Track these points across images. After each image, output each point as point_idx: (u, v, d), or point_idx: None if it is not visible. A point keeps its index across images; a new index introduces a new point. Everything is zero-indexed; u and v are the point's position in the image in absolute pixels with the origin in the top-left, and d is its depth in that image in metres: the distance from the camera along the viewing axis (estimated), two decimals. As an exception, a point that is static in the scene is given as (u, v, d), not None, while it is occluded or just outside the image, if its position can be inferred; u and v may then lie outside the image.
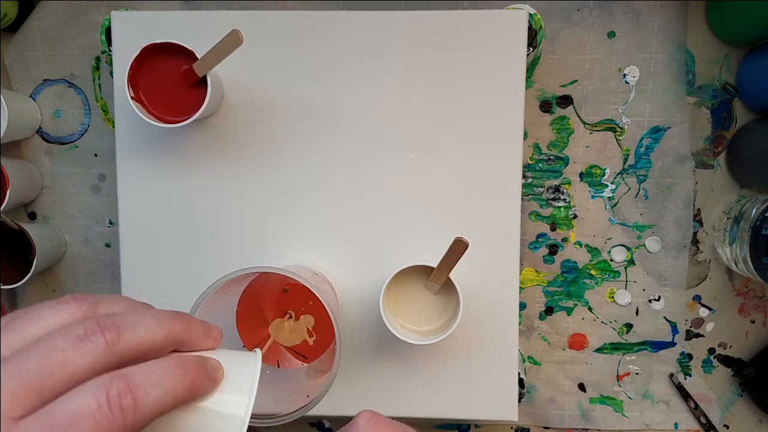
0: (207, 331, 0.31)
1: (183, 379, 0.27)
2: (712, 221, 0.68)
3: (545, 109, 0.67)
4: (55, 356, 0.24)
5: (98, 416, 0.24)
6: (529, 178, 0.68)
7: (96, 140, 0.70)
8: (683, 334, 0.69)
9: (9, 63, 0.70)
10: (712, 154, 0.68)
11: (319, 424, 0.73)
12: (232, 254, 0.61)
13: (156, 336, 0.27)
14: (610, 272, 0.69)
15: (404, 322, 0.57)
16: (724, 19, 0.64)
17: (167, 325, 0.28)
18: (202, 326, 0.30)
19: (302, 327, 0.55)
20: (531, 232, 0.69)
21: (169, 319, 0.28)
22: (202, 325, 0.30)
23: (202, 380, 0.28)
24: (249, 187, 0.61)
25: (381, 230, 0.60)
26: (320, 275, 0.57)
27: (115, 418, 0.24)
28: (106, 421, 0.24)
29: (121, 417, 0.24)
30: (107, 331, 0.26)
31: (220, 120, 0.60)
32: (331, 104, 0.59)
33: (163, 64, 0.55)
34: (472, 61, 0.58)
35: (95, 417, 0.24)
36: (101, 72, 0.69)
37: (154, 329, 0.27)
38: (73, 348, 0.25)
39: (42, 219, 0.72)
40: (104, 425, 0.24)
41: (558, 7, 0.65)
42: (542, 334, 0.70)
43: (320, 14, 0.59)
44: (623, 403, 0.70)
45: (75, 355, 0.25)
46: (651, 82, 0.66)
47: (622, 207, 0.68)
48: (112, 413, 0.24)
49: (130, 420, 0.24)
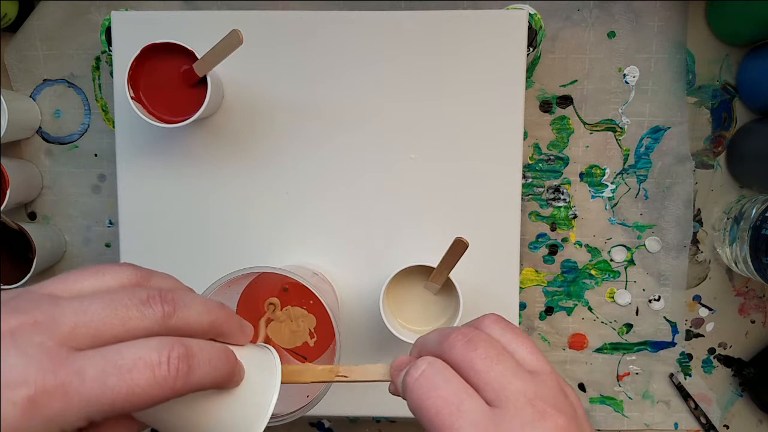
0: (243, 327, 0.32)
1: (226, 366, 0.29)
2: (712, 221, 0.68)
3: (545, 109, 0.67)
4: (120, 310, 0.26)
5: (156, 370, 0.25)
6: (529, 178, 0.68)
7: (96, 140, 0.70)
8: (683, 334, 0.69)
9: (9, 63, 0.70)
10: (712, 154, 0.68)
11: (319, 424, 0.73)
12: (232, 254, 0.61)
13: (203, 320, 0.29)
14: (610, 272, 0.69)
15: (404, 322, 0.57)
16: (724, 19, 0.64)
17: (214, 312, 0.29)
18: (239, 322, 0.32)
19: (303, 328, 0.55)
20: (531, 232, 0.69)
21: (216, 307, 0.30)
22: (239, 321, 0.32)
23: (238, 373, 0.30)
24: (249, 187, 0.61)
25: (381, 230, 0.60)
26: (320, 275, 0.57)
27: (169, 376, 0.25)
28: (162, 377, 0.25)
29: (173, 378, 0.26)
30: (166, 303, 0.27)
31: (220, 120, 0.60)
32: (330, 104, 0.59)
33: (163, 64, 0.55)
34: (472, 61, 0.58)
35: (154, 370, 0.25)
36: (101, 72, 0.69)
37: (204, 314, 0.29)
38: (135, 308, 0.26)
39: (42, 219, 0.72)
40: (159, 380, 0.25)
41: (558, 7, 0.65)
42: (542, 334, 0.70)
43: (320, 14, 0.59)
44: (623, 403, 0.70)
45: (136, 314, 0.26)
46: (651, 82, 0.66)
47: (622, 207, 0.68)
48: (169, 371, 0.25)
49: (180, 384, 0.26)
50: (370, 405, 0.62)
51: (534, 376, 0.29)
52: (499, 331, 0.31)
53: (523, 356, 0.30)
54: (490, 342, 0.30)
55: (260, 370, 0.33)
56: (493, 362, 0.29)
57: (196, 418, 0.30)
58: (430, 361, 0.30)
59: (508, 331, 0.31)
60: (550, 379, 0.29)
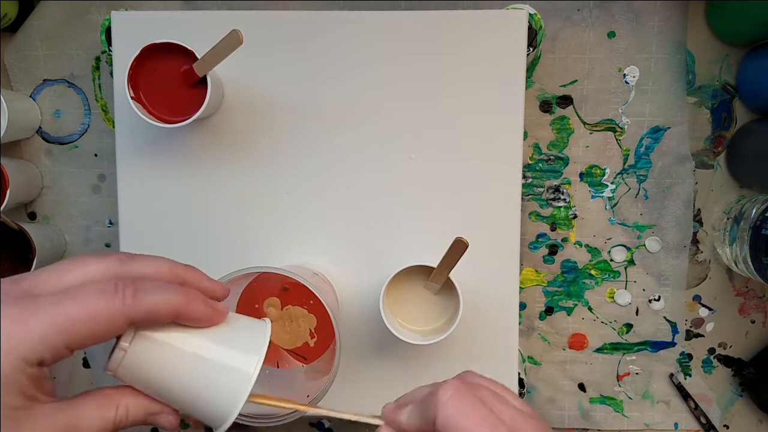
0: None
1: (179, 294, 0.31)
2: (712, 221, 0.68)
3: (545, 109, 0.67)
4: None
5: (106, 293, 0.29)
6: (529, 178, 0.68)
7: (96, 140, 0.70)
8: (683, 334, 0.69)
9: (9, 63, 0.70)
10: (712, 154, 0.68)
11: (319, 424, 0.73)
12: (232, 254, 0.61)
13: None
14: (610, 272, 0.69)
15: (404, 322, 0.57)
16: (724, 19, 0.64)
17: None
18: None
19: (304, 329, 0.55)
20: (531, 232, 0.69)
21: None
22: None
23: (200, 305, 0.32)
24: (249, 186, 0.61)
25: (381, 230, 0.60)
26: (320, 275, 0.57)
27: (117, 296, 0.29)
28: (111, 297, 0.29)
29: (122, 297, 0.29)
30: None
31: (220, 120, 0.60)
32: (330, 104, 0.59)
33: (163, 64, 0.55)
34: (472, 61, 0.58)
35: (104, 292, 0.29)
36: (101, 72, 0.69)
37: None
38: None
39: (42, 219, 0.72)
40: (109, 300, 0.29)
41: (558, 7, 0.65)
42: (542, 334, 0.70)
43: (320, 14, 0.59)
44: (623, 403, 0.70)
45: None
46: (651, 82, 0.66)
47: (622, 207, 0.68)
48: (116, 292, 0.29)
49: (129, 303, 0.29)
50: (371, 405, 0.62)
51: (532, 419, 0.31)
52: (486, 381, 0.33)
53: (516, 404, 0.32)
54: (487, 387, 0.32)
55: (247, 332, 0.34)
56: (502, 403, 0.31)
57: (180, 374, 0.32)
58: (456, 387, 0.31)
59: (494, 383, 0.33)
60: (541, 424, 0.31)
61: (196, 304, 0.32)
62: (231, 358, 0.33)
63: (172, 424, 0.33)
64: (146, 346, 0.31)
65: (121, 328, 0.30)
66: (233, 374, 0.32)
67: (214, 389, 0.32)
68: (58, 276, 0.30)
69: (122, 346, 0.31)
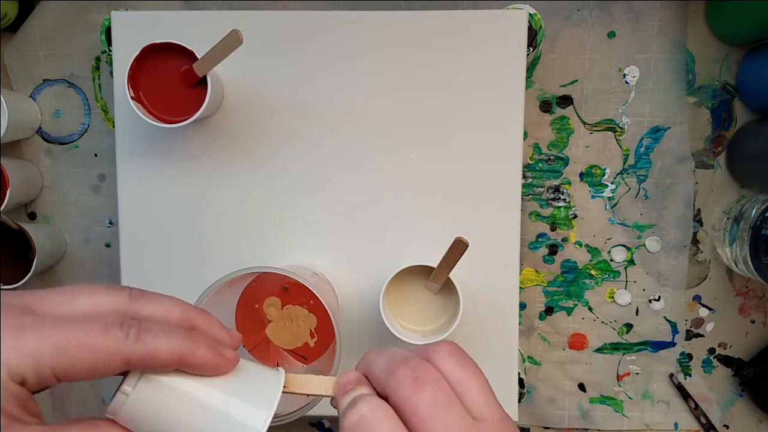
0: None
1: (184, 340, 0.29)
2: (712, 221, 0.68)
3: (545, 109, 0.67)
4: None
5: (109, 326, 0.27)
6: (529, 178, 0.68)
7: (96, 140, 0.70)
8: (683, 334, 0.69)
9: (9, 63, 0.70)
10: (712, 154, 0.68)
11: (319, 424, 0.73)
12: (232, 254, 0.61)
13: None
14: (610, 272, 0.69)
15: (404, 322, 0.57)
16: (724, 19, 0.64)
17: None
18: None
19: (304, 329, 0.55)
20: (531, 232, 0.69)
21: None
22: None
23: (206, 352, 0.30)
24: (249, 186, 0.61)
25: (381, 230, 0.60)
26: (320, 275, 0.57)
27: (120, 332, 0.28)
28: (114, 332, 0.27)
29: (125, 334, 0.28)
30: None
31: (220, 120, 0.60)
32: (331, 104, 0.59)
33: (163, 64, 0.55)
34: (472, 61, 0.58)
35: (107, 325, 0.27)
36: (101, 72, 0.69)
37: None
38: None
39: (42, 219, 0.72)
40: (111, 334, 0.27)
41: (558, 7, 0.65)
42: (542, 334, 0.70)
43: (320, 14, 0.59)
44: (623, 403, 0.70)
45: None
46: (651, 82, 0.66)
47: (622, 207, 0.68)
48: (121, 329, 0.28)
49: (131, 343, 0.28)
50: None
51: (478, 424, 0.28)
52: (451, 366, 0.30)
53: (472, 399, 0.29)
54: (439, 383, 0.29)
55: (259, 383, 0.32)
56: (438, 409, 0.28)
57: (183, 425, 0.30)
58: (372, 405, 0.28)
59: (460, 368, 0.30)
60: (494, 429, 0.28)
61: (201, 351, 0.30)
62: (239, 412, 0.30)
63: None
64: (150, 392, 0.29)
65: (117, 366, 0.28)
66: (240, 429, 0.30)
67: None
68: (65, 300, 0.29)
69: (125, 390, 0.29)
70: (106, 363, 0.27)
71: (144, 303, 0.30)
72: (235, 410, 0.30)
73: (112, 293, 0.30)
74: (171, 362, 0.29)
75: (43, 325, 0.27)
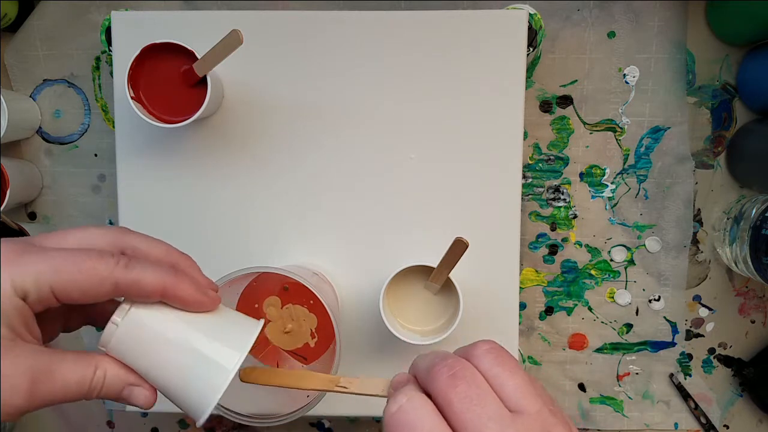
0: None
1: (169, 273, 0.33)
2: (712, 221, 0.68)
3: (545, 109, 0.67)
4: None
5: (101, 254, 0.31)
6: (529, 178, 0.68)
7: (96, 140, 0.70)
8: (683, 334, 0.69)
9: (9, 63, 0.70)
10: (712, 154, 0.68)
11: (319, 424, 0.73)
12: (232, 254, 0.61)
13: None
14: (610, 272, 0.69)
15: (404, 322, 0.57)
16: (724, 19, 0.64)
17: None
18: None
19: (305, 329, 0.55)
20: (531, 232, 0.69)
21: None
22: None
23: (189, 287, 0.33)
24: (249, 187, 0.61)
25: (381, 230, 0.60)
26: (320, 275, 0.57)
27: (111, 260, 0.31)
28: (105, 260, 0.31)
29: (114, 263, 0.31)
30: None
31: (220, 120, 0.60)
32: (331, 104, 0.59)
33: (163, 64, 0.55)
34: (472, 61, 0.58)
35: (100, 254, 0.31)
36: (101, 72, 0.69)
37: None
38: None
39: (42, 219, 0.72)
40: (102, 262, 0.31)
41: (558, 7, 0.65)
42: (542, 334, 0.70)
43: (320, 14, 0.59)
44: (623, 403, 0.70)
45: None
46: (651, 82, 0.66)
47: (622, 207, 0.68)
48: (112, 257, 0.31)
49: (120, 271, 0.31)
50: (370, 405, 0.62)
51: (516, 418, 0.28)
52: (488, 363, 0.30)
53: (509, 393, 0.29)
54: (474, 379, 0.29)
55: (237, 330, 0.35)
56: (471, 403, 0.28)
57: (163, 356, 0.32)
58: (410, 396, 0.29)
59: (498, 365, 0.30)
60: (532, 421, 0.28)
61: (184, 285, 0.33)
62: (212, 350, 0.33)
63: (147, 398, 0.33)
64: (136, 323, 0.32)
65: (107, 290, 0.31)
66: (212, 367, 0.32)
67: (192, 379, 0.32)
68: (62, 236, 0.33)
69: (114, 321, 0.32)
70: (98, 285, 0.30)
71: (133, 238, 0.34)
72: (209, 349, 0.33)
73: (104, 230, 0.34)
74: (156, 291, 0.32)
75: (43, 251, 0.30)
